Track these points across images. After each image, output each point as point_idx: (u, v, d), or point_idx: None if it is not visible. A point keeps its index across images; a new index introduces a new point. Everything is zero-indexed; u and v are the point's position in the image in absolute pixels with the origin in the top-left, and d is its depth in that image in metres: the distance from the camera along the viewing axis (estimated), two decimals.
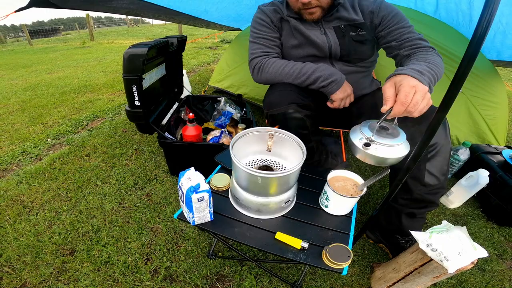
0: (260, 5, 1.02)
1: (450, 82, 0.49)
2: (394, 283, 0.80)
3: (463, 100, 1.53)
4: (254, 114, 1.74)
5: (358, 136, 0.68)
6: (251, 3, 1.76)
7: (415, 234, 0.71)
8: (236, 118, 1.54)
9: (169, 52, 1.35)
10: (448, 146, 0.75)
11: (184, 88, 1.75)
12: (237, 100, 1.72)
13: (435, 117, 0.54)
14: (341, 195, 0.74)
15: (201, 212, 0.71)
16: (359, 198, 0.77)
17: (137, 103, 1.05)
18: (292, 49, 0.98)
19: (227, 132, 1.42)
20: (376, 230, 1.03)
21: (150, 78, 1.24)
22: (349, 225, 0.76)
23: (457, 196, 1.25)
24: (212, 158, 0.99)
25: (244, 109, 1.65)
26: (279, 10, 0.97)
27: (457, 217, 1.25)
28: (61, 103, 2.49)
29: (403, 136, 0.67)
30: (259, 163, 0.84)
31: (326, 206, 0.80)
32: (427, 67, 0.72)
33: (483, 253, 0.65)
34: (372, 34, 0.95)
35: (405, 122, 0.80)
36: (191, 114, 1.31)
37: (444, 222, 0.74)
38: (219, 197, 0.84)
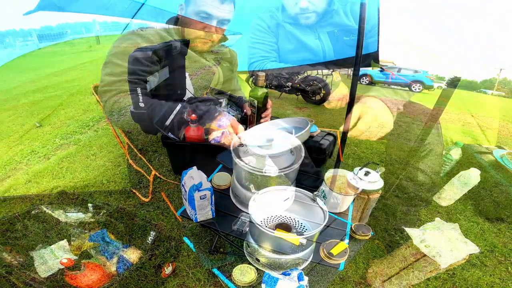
0: (258, 12, 1.06)
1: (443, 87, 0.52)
2: (389, 278, 0.81)
3: (456, 101, 1.55)
4: None
5: None
6: (251, 8, 1.80)
7: (409, 230, 0.73)
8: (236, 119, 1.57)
9: (172, 55, 1.39)
10: (440, 146, 0.77)
11: (186, 90, 1.79)
12: (237, 102, 1.75)
13: (429, 118, 0.56)
14: (338, 193, 0.76)
15: (203, 209, 0.74)
16: (355, 196, 0.79)
17: (141, 104, 1.09)
18: (289, 54, 1.01)
19: (228, 133, 1.45)
20: (372, 226, 1.05)
21: (154, 80, 1.28)
22: (346, 222, 0.79)
23: (450, 194, 1.27)
24: (213, 158, 1.02)
25: (245, 111, 1.68)
26: (275, 16, 1.01)
27: (449, 214, 1.26)
28: (68, 104, 2.55)
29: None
30: None
31: (323, 204, 0.82)
32: None
33: (474, 249, 0.67)
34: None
35: None
36: (193, 115, 1.35)
37: (437, 219, 0.76)
38: (221, 195, 0.87)
